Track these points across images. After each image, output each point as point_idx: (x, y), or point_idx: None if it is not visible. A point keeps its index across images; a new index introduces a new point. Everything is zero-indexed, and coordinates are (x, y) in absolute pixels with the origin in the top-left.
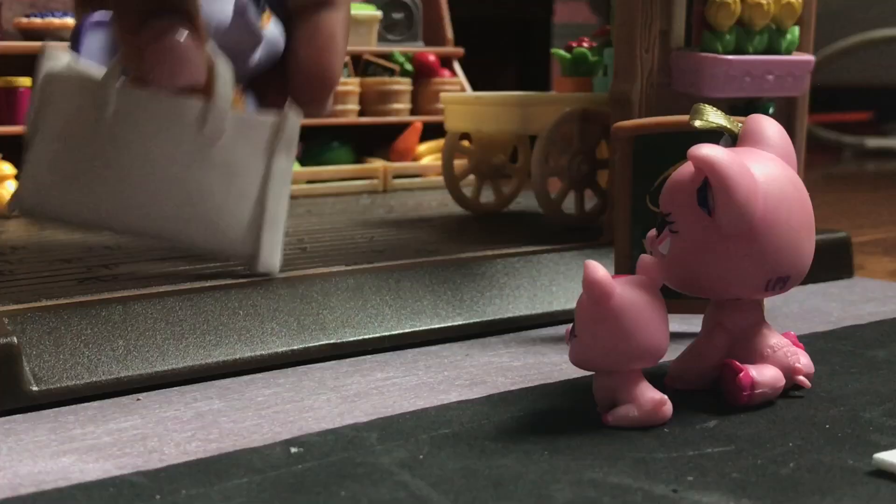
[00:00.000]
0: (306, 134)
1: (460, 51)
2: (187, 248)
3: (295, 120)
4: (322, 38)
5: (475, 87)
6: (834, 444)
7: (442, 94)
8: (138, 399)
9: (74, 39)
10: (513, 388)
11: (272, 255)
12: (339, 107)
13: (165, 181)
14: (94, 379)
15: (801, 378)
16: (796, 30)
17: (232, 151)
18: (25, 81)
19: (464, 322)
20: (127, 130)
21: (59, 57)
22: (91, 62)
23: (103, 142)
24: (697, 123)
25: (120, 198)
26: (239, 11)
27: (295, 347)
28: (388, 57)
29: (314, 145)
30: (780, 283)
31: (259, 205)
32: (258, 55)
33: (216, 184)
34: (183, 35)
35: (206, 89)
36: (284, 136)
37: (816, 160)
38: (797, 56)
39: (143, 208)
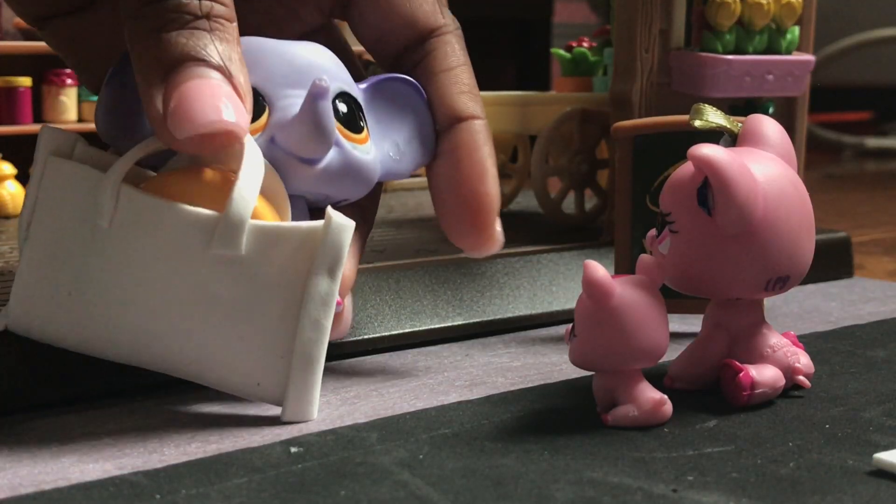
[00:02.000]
0: None
1: None
2: (212, 387)
3: (341, 229)
4: (475, 156)
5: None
6: (834, 444)
7: None
8: (139, 400)
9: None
10: (513, 388)
11: (303, 401)
12: None
13: (171, 307)
14: (95, 380)
15: (801, 378)
16: (796, 30)
17: (255, 271)
18: (25, 81)
19: (464, 322)
20: (128, 244)
21: (59, 140)
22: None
23: (102, 256)
24: (697, 123)
25: (119, 325)
26: (313, 95)
27: None
28: None
29: None
30: (780, 283)
31: (288, 339)
32: (326, 162)
33: (234, 312)
34: (216, 76)
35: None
36: (326, 250)
37: (816, 160)
38: (797, 56)
39: (146, 339)
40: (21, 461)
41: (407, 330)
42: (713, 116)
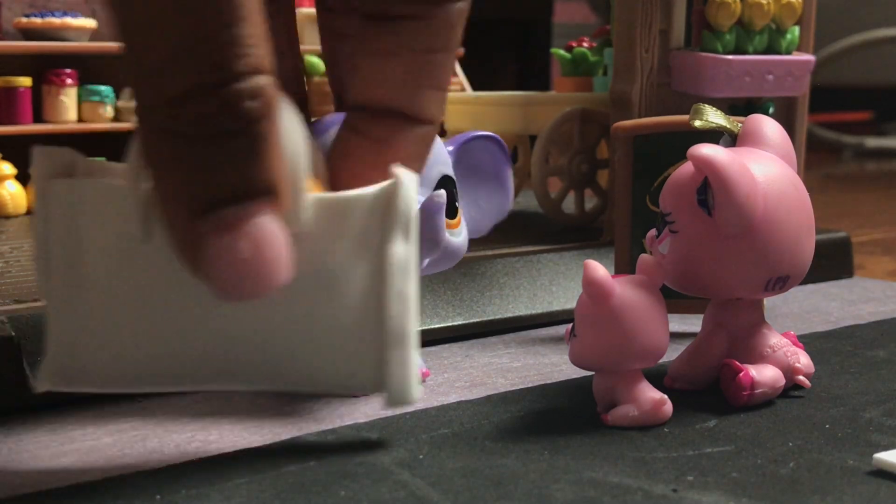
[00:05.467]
0: None
1: (460, 51)
2: (294, 392)
3: (410, 185)
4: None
5: (475, 87)
6: (834, 444)
7: None
8: (139, 400)
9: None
10: (513, 388)
11: (405, 382)
12: None
13: (244, 310)
14: None
15: (801, 378)
16: (796, 30)
17: (324, 250)
18: (25, 81)
19: (464, 322)
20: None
21: (56, 160)
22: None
23: (149, 274)
24: (697, 123)
25: (184, 347)
26: (429, 212)
27: None
28: None
29: None
30: (780, 283)
31: (376, 316)
32: (426, 262)
33: (311, 301)
34: (261, 227)
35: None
36: (398, 210)
37: (816, 160)
38: (797, 56)
39: (219, 354)
40: (21, 461)
41: None
42: (713, 116)
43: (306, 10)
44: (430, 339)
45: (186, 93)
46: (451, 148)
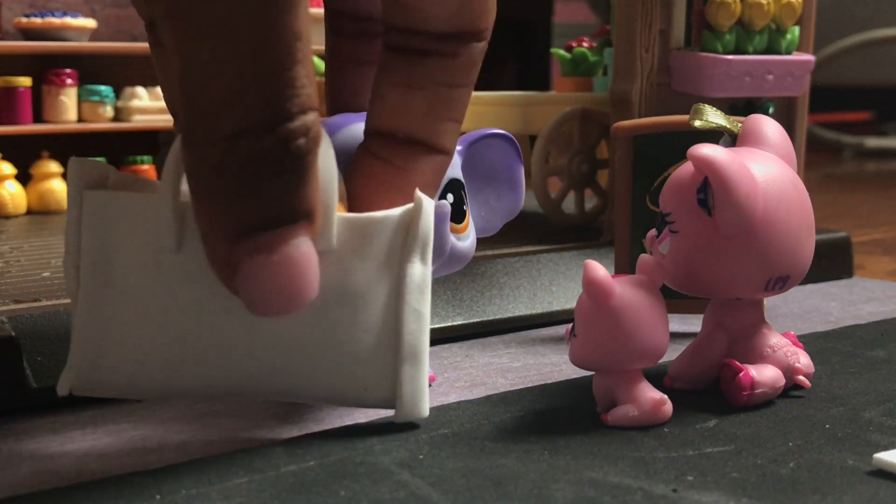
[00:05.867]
0: None
1: None
2: (311, 403)
3: (429, 210)
4: None
5: (475, 87)
6: (834, 444)
7: None
8: (139, 400)
9: None
10: (513, 388)
11: (417, 397)
12: None
13: (267, 325)
14: None
15: (801, 378)
16: (796, 30)
17: (347, 268)
18: (25, 81)
19: (464, 322)
20: (205, 262)
21: (92, 171)
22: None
23: (175, 283)
24: (697, 123)
25: (208, 356)
26: (435, 221)
27: None
28: None
29: None
30: (780, 283)
31: (393, 333)
32: (433, 268)
33: (332, 316)
34: (297, 249)
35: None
36: (418, 232)
37: (816, 160)
38: (797, 56)
39: (241, 366)
40: (21, 461)
41: None
42: (713, 116)
43: (313, 11)
44: (430, 339)
45: (242, 131)
46: (459, 148)
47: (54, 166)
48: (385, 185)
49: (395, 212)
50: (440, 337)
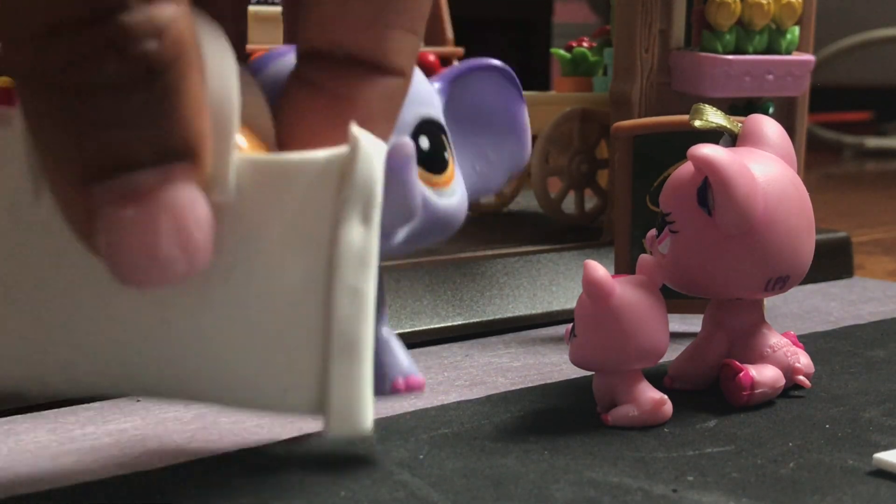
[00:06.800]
0: None
1: (460, 50)
2: (223, 407)
3: (373, 151)
4: None
5: None
6: (834, 444)
7: None
8: (138, 400)
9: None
10: (513, 388)
11: (354, 403)
12: None
13: (149, 301)
14: None
15: (801, 378)
16: (796, 30)
17: (256, 227)
18: None
19: (464, 322)
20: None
21: None
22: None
23: (37, 244)
24: (697, 123)
25: (78, 343)
26: (394, 167)
27: None
28: None
29: None
30: (780, 283)
31: (319, 316)
32: (404, 233)
33: (234, 291)
34: (173, 195)
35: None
36: (356, 182)
37: (816, 160)
38: (797, 56)
39: (120, 356)
40: (21, 461)
41: (407, 330)
42: (713, 116)
43: None
44: (430, 338)
45: (56, 25)
46: (439, 85)
47: None
48: (320, 121)
49: (322, 154)
50: (440, 337)
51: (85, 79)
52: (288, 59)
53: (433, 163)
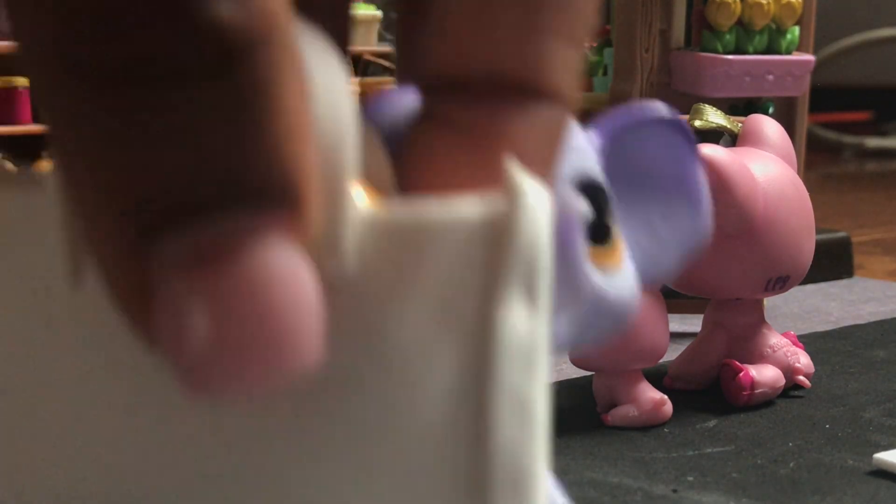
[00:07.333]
0: None
1: None
2: None
3: (538, 201)
4: None
5: None
6: (834, 444)
7: None
8: None
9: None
10: None
11: None
12: None
13: (226, 421)
14: None
15: (801, 378)
16: (796, 30)
17: (383, 311)
18: (25, 81)
19: None
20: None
21: None
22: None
23: (73, 345)
24: (697, 123)
25: (124, 475)
26: (558, 233)
27: None
28: (388, 57)
29: None
30: (780, 283)
31: (470, 436)
32: (566, 323)
33: (351, 403)
34: (270, 264)
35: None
36: (517, 246)
37: (816, 160)
38: (797, 56)
39: (184, 494)
40: None
41: None
42: (713, 116)
43: None
44: None
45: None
46: (596, 138)
47: None
48: (455, 168)
49: (470, 207)
50: None
51: (143, 76)
52: (407, 99)
53: (596, 232)
